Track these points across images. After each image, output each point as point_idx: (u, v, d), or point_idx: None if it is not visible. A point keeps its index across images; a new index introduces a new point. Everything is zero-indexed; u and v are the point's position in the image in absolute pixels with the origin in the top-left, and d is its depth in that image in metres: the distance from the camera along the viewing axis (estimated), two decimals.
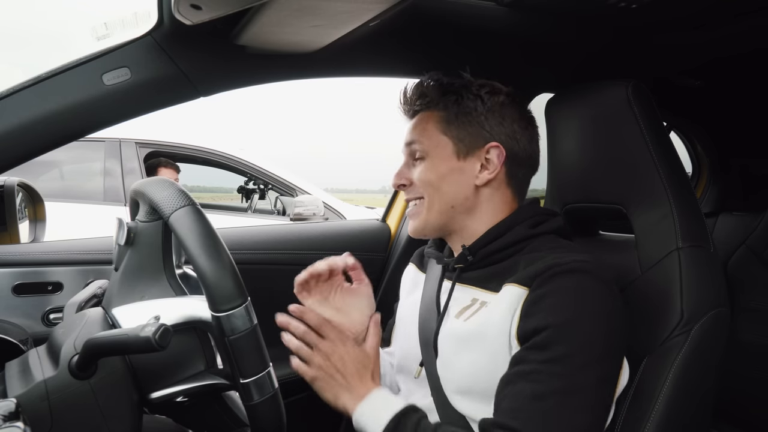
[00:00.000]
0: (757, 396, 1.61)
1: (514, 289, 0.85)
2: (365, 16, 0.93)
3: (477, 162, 0.95)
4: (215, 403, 0.87)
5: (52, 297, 1.31)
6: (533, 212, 0.97)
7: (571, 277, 0.83)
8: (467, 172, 0.95)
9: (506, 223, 0.95)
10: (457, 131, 0.95)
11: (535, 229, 0.94)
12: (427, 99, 0.98)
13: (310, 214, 3.51)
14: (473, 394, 0.90)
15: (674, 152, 1.02)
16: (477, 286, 0.94)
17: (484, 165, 0.95)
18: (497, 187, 0.96)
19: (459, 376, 0.91)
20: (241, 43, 1.00)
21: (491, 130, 0.95)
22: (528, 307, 0.83)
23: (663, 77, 1.61)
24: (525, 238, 0.93)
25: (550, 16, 1.08)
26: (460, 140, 0.95)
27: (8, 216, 1.43)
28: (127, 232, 0.85)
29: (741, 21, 1.10)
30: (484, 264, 0.95)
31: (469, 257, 0.95)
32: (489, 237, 0.95)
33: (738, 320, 1.67)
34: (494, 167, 0.95)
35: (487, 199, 0.96)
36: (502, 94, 0.97)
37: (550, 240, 0.94)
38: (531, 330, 0.82)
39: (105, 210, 3.21)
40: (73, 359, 0.73)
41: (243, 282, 0.73)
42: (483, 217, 0.97)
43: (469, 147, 0.95)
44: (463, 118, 0.95)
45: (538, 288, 0.83)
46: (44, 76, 0.95)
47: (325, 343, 0.92)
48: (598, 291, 0.83)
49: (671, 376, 0.90)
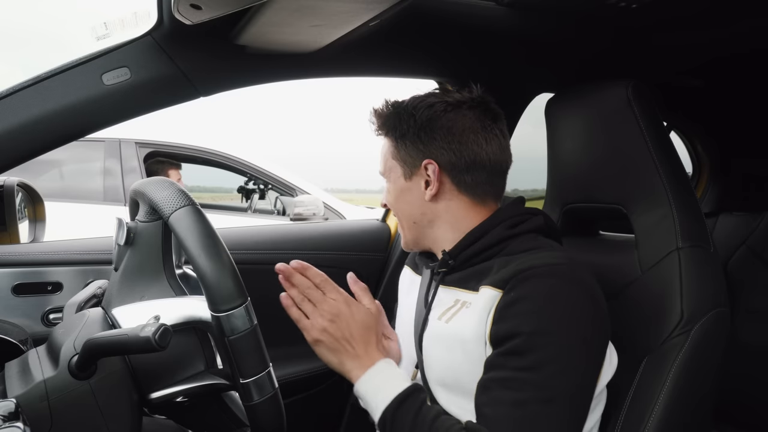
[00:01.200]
0: (757, 396, 1.61)
1: (489, 291, 0.86)
2: (365, 16, 0.93)
3: (421, 179, 0.97)
4: (215, 403, 0.87)
5: (51, 297, 1.31)
6: (513, 213, 0.97)
7: (543, 281, 0.83)
8: (415, 190, 0.98)
9: (484, 225, 0.96)
10: (401, 153, 0.99)
11: (513, 230, 0.94)
12: (377, 126, 1.02)
13: (310, 214, 3.51)
14: (458, 393, 0.90)
15: (674, 152, 1.02)
16: (459, 287, 0.95)
17: (427, 181, 0.97)
18: (450, 197, 0.97)
19: (442, 376, 0.93)
20: (241, 43, 1.00)
21: (424, 148, 0.96)
22: (500, 311, 0.83)
23: (663, 77, 1.61)
24: (503, 239, 0.93)
25: (550, 16, 1.08)
26: (405, 162, 0.99)
27: (8, 216, 1.43)
28: (126, 232, 0.85)
29: (741, 21, 1.10)
30: (465, 266, 0.96)
31: (450, 261, 0.96)
32: (468, 240, 0.96)
33: (738, 320, 1.67)
34: (433, 182, 0.96)
35: (445, 210, 0.98)
36: (435, 105, 0.96)
37: (530, 239, 0.94)
38: (503, 335, 0.82)
39: (105, 210, 3.21)
40: (72, 359, 0.73)
41: (243, 282, 0.73)
42: (447, 225, 0.98)
43: (411, 167, 0.98)
44: (402, 141, 0.98)
45: (510, 291, 0.83)
46: (44, 76, 0.95)
47: (329, 302, 0.92)
48: (573, 295, 0.84)
49: (671, 377, 0.90)
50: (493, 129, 0.97)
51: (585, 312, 0.84)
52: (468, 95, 0.97)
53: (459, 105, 0.96)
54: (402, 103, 0.99)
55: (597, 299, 0.86)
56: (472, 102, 0.96)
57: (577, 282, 0.85)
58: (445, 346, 0.92)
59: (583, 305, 0.84)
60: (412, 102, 0.98)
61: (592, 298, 0.85)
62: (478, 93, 0.98)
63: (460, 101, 0.96)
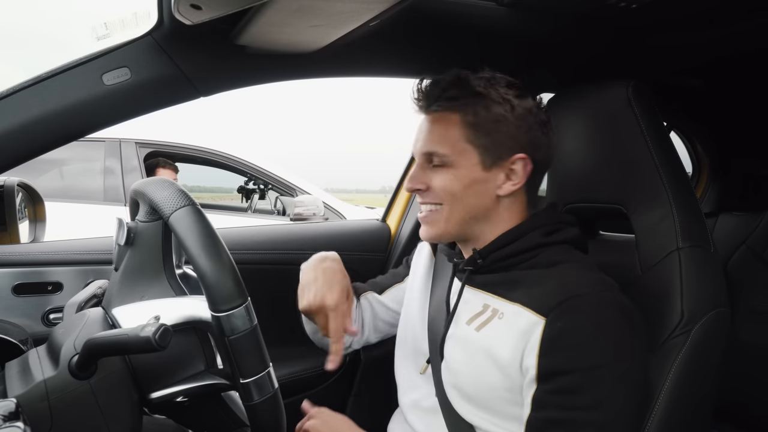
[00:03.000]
0: (757, 396, 1.61)
1: (528, 315, 0.83)
2: (365, 16, 0.93)
3: (501, 172, 0.90)
4: (215, 403, 0.87)
5: (52, 297, 1.31)
6: (549, 219, 0.94)
7: (589, 312, 0.81)
8: (491, 182, 0.90)
9: (520, 229, 0.92)
10: (483, 140, 0.89)
11: (548, 238, 0.91)
12: (453, 100, 0.90)
13: (310, 214, 3.51)
14: (477, 403, 0.89)
15: (674, 152, 1.02)
16: (488, 292, 0.92)
17: (508, 175, 0.91)
18: (518, 195, 0.93)
19: (465, 383, 0.91)
20: (241, 43, 1.00)
21: (518, 140, 0.89)
22: (548, 343, 0.80)
23: (663, 77, 1.61)
24: (537, 246, 0.90)
25: (550, 16, 1.08)
26: (487, 150, 0.89)
27: (8, 216, 1.43)
28: (127, 232, 0.85)
29: (741, 21, 1.10)
30: (494, 269, 0.93)
31: (479, 261, 0.93)
32: (501, 242, 0.92)
33: (738, 320, 1.67)
34: (519, 179, 0.91)
35: (507, 207, 0.93)
36: (529, 98, 0.92)
37: (563, 251, 0.91)
38: (553, 369, 0.79)
39: (105, 210, 3.21)
40: (73, 359, 0.73)
41: (243, 282, 0.73)
42: (500, 224, 0.94)
43: (494, 157, 0.89)
44: (491, 126, 0.88)
45: (556, 321, 0.80)
46: (44, 76, 0.94)
47: None
48: (620, 323, 0.82)
49: (671, 377, 0.90)
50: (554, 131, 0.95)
51: (632, 340, 0.83)
52: None
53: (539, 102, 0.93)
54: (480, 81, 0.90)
55: (637, 323, 0.85)
56: None
57: (623, 310, 0.83)
58: (472, 354, 0.89)
59: (633, 334, 0.83)
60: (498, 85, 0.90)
61: (635, 324, 0.84)
62: None
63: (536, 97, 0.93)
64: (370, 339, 1.21)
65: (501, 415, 0.87)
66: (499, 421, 0.87)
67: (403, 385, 1.08)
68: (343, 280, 1.07)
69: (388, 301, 1.19)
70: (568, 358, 0.79)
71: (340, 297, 1.03)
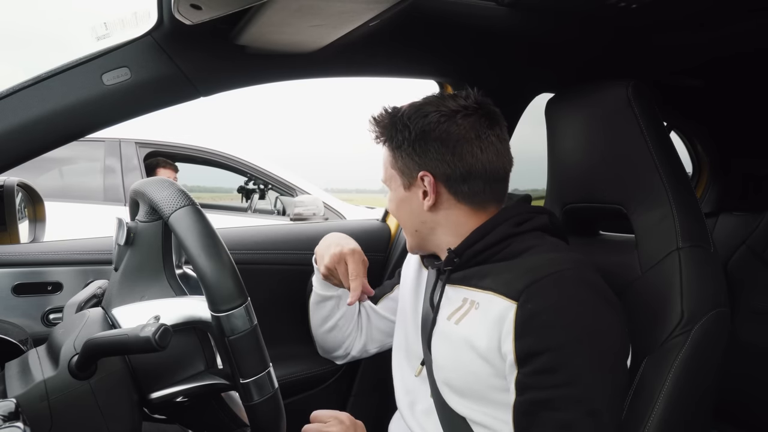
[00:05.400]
0: (757, 396, 1.61)
1: (500, 301, 0.86)
2: (365, 16, 0.93)
3: (419, 190, 0.98)
4: (215, 403, 0.87)
5: (52, 297, 1.31)
6: (518, 211, 0.97)
7: (556, 290, 0.83)
8: (414, 200, 0.99)
9: (490, 223, 0.96)
10: (399, 163, 0.99)
11: (518, 228, 0.95)
12: (376, 134, 1.02)
13: (310, 214, 3.51)
14: (467, 395, 0.91)
15: (674, 152, 1.02)
16: (465, 285, 0.95)
17: (425, 192, 0.97)
18: (448, 207, 0.97)
19: (453, 377, 0.93)
20: (241, 43, 1.00)
21: (419, 159, 0.96)
22: (521, 327, 0.82)
23: (663, 77, 1.61)
24: (508, 236, 0.94)
25: (550, 16, 1.08)
26: (403, 173, 0.99)
27: (8, 216, 1.43)
28: (126, 232, 0.85)
29: (741, 21, 1.10)
30: (471, 264, 0.96)
31: (455, 259, 0.97)
32: (474, 238, 0.96)
33: (738, 320, 1.67)
34: (431, 194, 0.96)
35: (444, 218, 0.98)
36: (430, 115, 0.95)
37: (534, 237, 0.94)
38: (530, 351, 0.82)
39: (105, 210, 3.21)
40: (72, 359, 0.73)
41: (243, 282, 0.73)
42: (448, 232, 0.98)
43: (409, 178, 0.98)
44: (398, 152, 0.98)
45: (526, 303, 0.83)
46: (44, 76, 0.94)
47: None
48: (587, 297, 0.84)
49: (671, 377, 0.90)
50: (489, 136, 0.95)
51: (600, 314, 0.84)
52: (464, 102, 0.96)
53: (454, 114, 0.95)
54: (398, 112, 0.99)
55: (609, 298, 0.87)
56: (466, 110, 0.95)
57: (590, 285, 0.85)
58: (454, 347, 0.92)
59: (599, 306, 0.84)
60: (408, 111, 0.97)
61: (605, 300, 0.86)
62: (475, 98, 0.97)
63: (454, 110, 0.95)
64: (369, 349, 1.28)
65: (492, 405, 0.89)
66: (492, 411, 0.89)
67: (400, 389, 1.10)
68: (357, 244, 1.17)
69: (382, 311, 1.25)
70: (540, 339, 0.81)
71: (356, 246, 1.15)
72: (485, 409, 0.89)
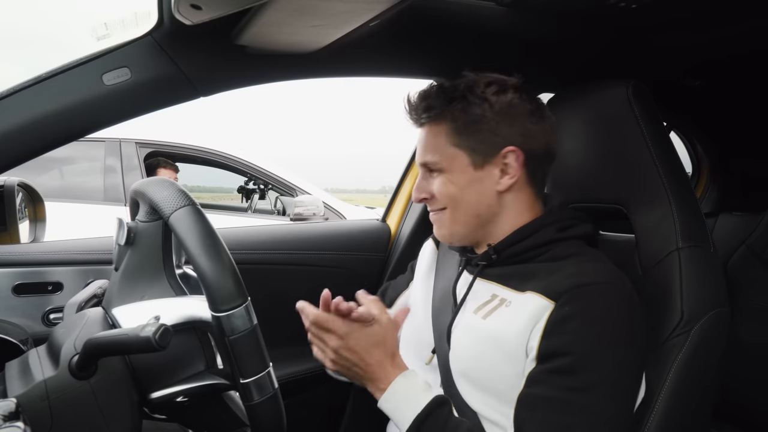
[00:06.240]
0: (757, 396, 1.61)
1: (539, 300, 0.84)
2: (365, 16, 0.93)
3: (495, 168, 0.92)
4: (215, 403, 0.87)
5: (52, 297, 1.31)
6: (563, 216, 0.96)
7: (600, 299, 0.82)
8: (487, 180, 0.93)
9: (534, 225, 0.94)
10: (469, 141, 0.92)
11: (562, 233, 0.93)
12: (433, 111, 0.94)
13: (310, 214, 3.51)
14: (485, 389, 0.90)
15: (674, 152, 1.02)
16: (498, 283, 0.94)
17: (504, 170, 0.92)
18: (519, 188, 0.94)
19: (471, 369, 0.92)
20: (241, 43, 1.00)
21: (504, 134, 0.91)
22: (553, 325, 0.82)
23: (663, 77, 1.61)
24: (551, 241, 0.92)
25: (550, 16, 1.08)
26: (474, 150, 0.92)
27: (8, 216, 1.43)
28: (127, 232, 0.85)
29: (741, 21, 1.10)
30: (507, 262, 0.95)
31: (493, 256, 0.95)
32: (516, 238, 0.94)
33: (738, 320, 1.67)
34: (514, 171, 0.92)
35: (511, 202, 0.95)
36: (509, 91, 0.92)
37: (576, 246, 0.93)
38: (553, 350, 0.81)
39: (105, 210, 3.21)
40: (73, 359, 0.73)
41: (243, 282, 0.73)
42: (508, 220, 0.95)
43: (484, 155, 0.92)
44: (472, 127, 0.91)
45: (564, 305, 0.82)
46: (44, 76, 0.95)
47: (332, 339, 0.91)
48: (625, 313, 0.83)
49: (671, 376, 0.90)
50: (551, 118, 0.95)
51: (636, 333, 0.84)
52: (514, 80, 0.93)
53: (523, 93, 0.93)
54: (459, 86, 0.93)
55: (642, 317, 0.86)
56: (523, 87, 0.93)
57: (630, 301, 0.85)
58: (479, 341, 0.91)
59: (635, 326, 0.84)
60: (479, 85, 0.92)
61: (639, 317, 0.85)
62: None
63: (516, 86, 0.93)
64: None
65: (508, 402, 0.87)
66: (506, 410, 0.88)
67: None
68: None
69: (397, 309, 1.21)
70: (569, 341, 0.80)
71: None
72: (500, 407, 0.88)
